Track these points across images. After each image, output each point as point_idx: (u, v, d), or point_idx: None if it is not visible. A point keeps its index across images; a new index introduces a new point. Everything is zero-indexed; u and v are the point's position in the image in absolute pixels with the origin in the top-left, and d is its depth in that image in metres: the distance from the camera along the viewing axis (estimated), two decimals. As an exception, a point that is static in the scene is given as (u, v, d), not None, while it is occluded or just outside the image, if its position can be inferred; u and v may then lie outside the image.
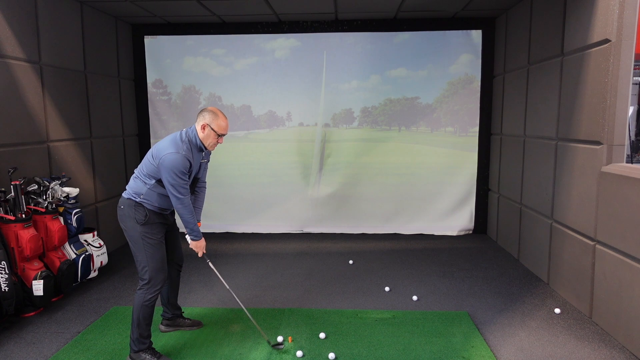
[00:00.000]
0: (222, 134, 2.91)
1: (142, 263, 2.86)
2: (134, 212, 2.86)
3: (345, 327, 3.43)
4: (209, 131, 2.87)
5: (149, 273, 2.85)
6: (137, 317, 2.85)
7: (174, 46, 6.01)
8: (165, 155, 2.77)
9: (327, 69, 5.96)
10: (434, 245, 5.60)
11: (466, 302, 3.90)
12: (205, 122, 2.86)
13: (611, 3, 3.26)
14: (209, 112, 2.88)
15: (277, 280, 4.44)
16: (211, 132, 2.87)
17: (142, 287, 2.87)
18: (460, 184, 6.05)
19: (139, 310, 2.85)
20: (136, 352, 2.89)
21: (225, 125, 2.92)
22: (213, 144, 2.93)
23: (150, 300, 2.86)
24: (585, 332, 3.34)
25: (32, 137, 4.17)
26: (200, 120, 2.88)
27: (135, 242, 2.88)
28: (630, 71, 3.24)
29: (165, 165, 2.75)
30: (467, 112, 5.95)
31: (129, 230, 2.89)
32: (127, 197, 2.91)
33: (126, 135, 5.84)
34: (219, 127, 2.87)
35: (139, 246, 2.86)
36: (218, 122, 2.86)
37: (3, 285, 3.34)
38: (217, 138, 2.91)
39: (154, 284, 2.86)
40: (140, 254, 2.86)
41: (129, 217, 2.87)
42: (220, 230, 6.26)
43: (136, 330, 2.87)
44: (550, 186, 4.18)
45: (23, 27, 4.05)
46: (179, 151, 2.77)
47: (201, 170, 3.10)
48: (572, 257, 3.79)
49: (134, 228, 2.85)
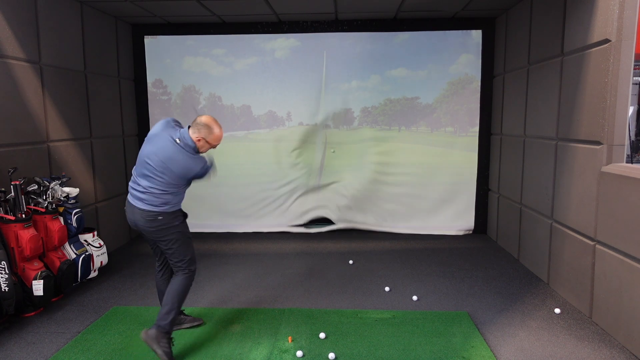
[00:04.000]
0: (217, 145, 3.07)
1: (187, 256, 3.09)
2: (173, 219, 3.03)
3: (345, 327, 3.43)
4: (204, 143, 3.00)
5: (194, 262, 3.14)
6: (179, 300, 3.04)
7: (174, 46, 6.01)
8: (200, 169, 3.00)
9: (327, 69, 5.96)
10: (434, 245, 5.60)
11: (466, 302, 3.90)
12: (200, 136, 2.97)
13: (611, 3, 3.26)
14: (204, 126, 2.95)
15: (277, 280, 4.44)
16: (206, 144, 3.01)
17: (189, 273, 3.10)
18: (460, 184, 6.04)
19: (183, 294, 3.07)
20: (165, 333, 2.97)
21: (220, 135, 3.04)
22: (205, 150, 3.10)
23: (190, 284, 3.15)
24: (585, 332, 3.34)
25: (32, 137, 4.17)
26: (195, 132, 2.96)
27: (177, 241, 3.04)
28: (630, 71, 3.24)
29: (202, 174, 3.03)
30: (467, 112, 5.95)
31: (169, 235, 3.02)
32: (160, 211, 2.98)
33: (126, 135, 5.85)
34: (214, 140, 3.02)
35: (181, 243, 3.06)
36: (213, 136, 2.99)
37: (3, 285, 3.34)
38: (211, 148, 3.08)
39: (196, 271, 3.19)
40: (184, 249, 3.07)
41: (169, 225, 3.02)
42: (220, 230, 6.26)
43: (174, 312, 3.02)
44: (550, 186, 4.18)
45: (23, 27, 4.05)
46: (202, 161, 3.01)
47: None
48: (572, 257, 3.79)
49: (176, 230, 3.04)
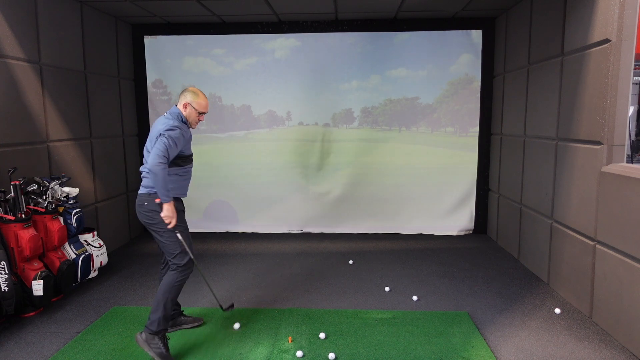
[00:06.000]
0: (202, 112, 3.09)
1: (176, 250, 2.99)
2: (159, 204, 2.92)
3: (345, 327, 3.43)
4: (190, 109, 3.05)
5: (184, 257, 3.00)
6: (165, 297, 2.97)
7: (174, 46, 6.01)
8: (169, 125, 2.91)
9: (327, 69, 5.96)
10: (434, 245, 5.60)
11: (466, 302, 3.90)
12: (186, 101, 3.04)
13: (611, 3, 3.26)
14: (190, 91, 3.07)
15: (277, 280, 4.44)
16: (192, 110, 3.05)
17: (177, 269, 3.01)
18: (460, 184, 6.05)
19: (169, 291, 2.98)
20: (152, 333, 2.93)
21: (206, 104, 3.10)
22: (194, 122, 3.11)
23: (181, 281, 3.03)
24: (585, 332, 3.34)
25: (32, 137, 4.17)
26: (182, 100, 3.06)
27: (165, 231, 2.96)
28: (631, 71, 3.23)
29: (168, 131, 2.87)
30: (467, 112, 5.95)
31: (157, 224, 2.95)
32: (147, 193, 2.98)
33: (126, 135, 5.84)
34: (199, 106, 3.06)
35: (170, 234, 2.96)
36: (198, 100, 3.05)
37: (3, 285, 3.34)
38: (198, 116, 3.10)
39: (188, 267, 3.03)
40: (172, 241, 2.97)
41: (155, 211, 2.94)
42: (220, 230, 6.26)
43: (161, 310, 2.95)
44: (550, 186, 4.18)
45: (23, 27, 4.05)
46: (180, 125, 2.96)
47: None
48: (572, 257, 3.79)
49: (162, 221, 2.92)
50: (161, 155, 2.80)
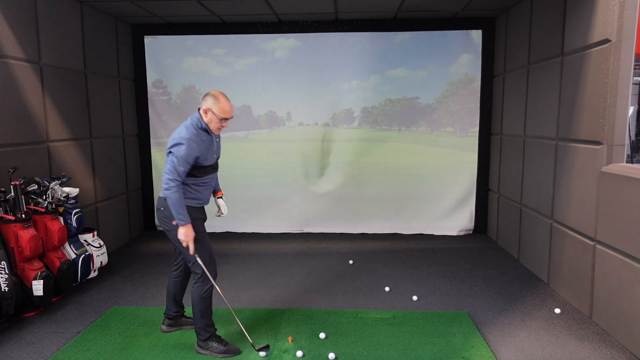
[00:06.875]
0: (224, 117, 2.88)
1: (191, 259, 2.92)
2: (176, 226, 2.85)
3: (345, 327, 3.43)
4: (211, 115, 2.86)
5: (200, 267, 2.92)
6: (198, 309, 2.96)
7: (174, 46, 6.01)
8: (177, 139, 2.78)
9: (327, 69, 5.95)
10: (434, 245, 5.60)
11: (466, 302, 3.90)
12: (207, 107, 2.87)
13: (611, 3, 3.26)
14: (211, 96, 2.88)
15: (277, 280, 4.44)
16: (213, 116, 2.86)
17: (197, 280, 2.96)
18: (460, 184, 6.05)
19: (200, 303, 2.95)
20: (204, 341, 3.00)
21: (229, 109, 2.89)
22: (217, 128, 2.92)
23: (207, 291, 2.96)
24: (585, 332, 3.34)
25: (32, 137, 4.17)
26: (203, 105, 2.89)
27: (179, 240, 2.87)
28: (631, 71, 3.24)
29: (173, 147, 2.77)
30: (467, 112, 5.95)
31: (172, 230, 2.89)
32: (165, 197, 2.83)
33: (126, 135, 5.84)
34: (220, 111, 2.86)
35: None
36: (219, 105, 2.85)
37: (3, 285, 3.34)
38: (220, 122, 2.90)
39: (207, 277, 2.94)
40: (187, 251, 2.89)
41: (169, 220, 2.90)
42: (220, 230, 6.26)
43: (201, 321, 2.98)
44: (550, 186, 4.18)
45: (23, 27, 4.05)
46: (191, 137, 2.79)
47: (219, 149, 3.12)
48: (572, 257, 3.79)
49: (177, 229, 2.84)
50: (170, 178, 2.73)
